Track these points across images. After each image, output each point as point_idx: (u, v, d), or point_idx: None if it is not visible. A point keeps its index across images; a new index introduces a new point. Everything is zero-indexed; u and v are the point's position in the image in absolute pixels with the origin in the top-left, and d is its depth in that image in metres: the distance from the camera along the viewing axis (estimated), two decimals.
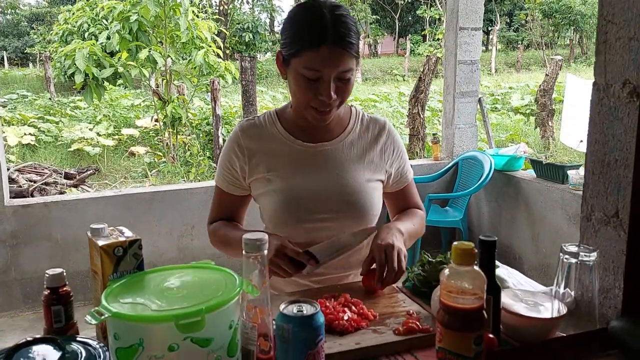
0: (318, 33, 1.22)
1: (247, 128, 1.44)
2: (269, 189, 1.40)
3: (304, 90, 1.28)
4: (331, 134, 1.43)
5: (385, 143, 1.48)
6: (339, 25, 1.23)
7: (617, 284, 1.12)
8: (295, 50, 1.25)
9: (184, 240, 3.84)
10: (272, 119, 1.45)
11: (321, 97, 1.27)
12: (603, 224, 1.14)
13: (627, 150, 1.06)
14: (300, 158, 1.40)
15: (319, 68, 1.24)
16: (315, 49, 1.22)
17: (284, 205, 1.37)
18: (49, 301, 1.00)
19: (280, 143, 1.41)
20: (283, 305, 0.92)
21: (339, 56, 1.24)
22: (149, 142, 9.24)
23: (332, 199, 1.38)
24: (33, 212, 3.55)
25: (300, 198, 1.37)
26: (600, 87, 1.12)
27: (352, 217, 1.40)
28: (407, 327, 1.08)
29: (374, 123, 1.49)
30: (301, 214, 1.37)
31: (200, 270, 0.98)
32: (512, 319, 1.07)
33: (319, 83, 1.26)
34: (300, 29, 1.27)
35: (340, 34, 1.23)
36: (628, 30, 1.04)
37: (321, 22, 1.23)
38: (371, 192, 1.43)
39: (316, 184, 1.38)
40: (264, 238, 0.93)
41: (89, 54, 6.61)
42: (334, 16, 1.24)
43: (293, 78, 1.30)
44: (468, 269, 0.85)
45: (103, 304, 0.82)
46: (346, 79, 1.28)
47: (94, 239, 0.99)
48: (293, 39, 1.27)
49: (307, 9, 1.28)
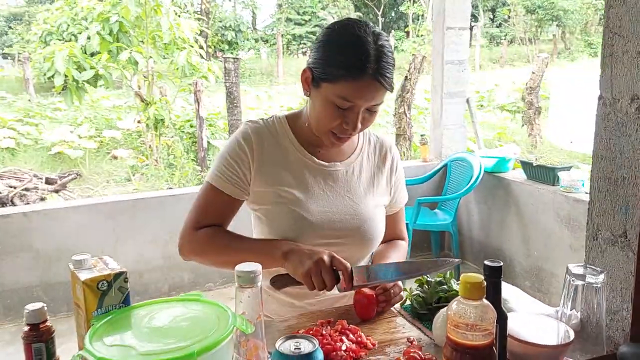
0: (360, 64, 1.15)
1: (261, 130, 1.33)
2: (279, 205, 1.31)
3: (331, 117, 1.21)
4: (343, 155, 1.38)
5: (391, 167, 1.45)
6: (381, 58, 1.17)
7: (625, 305, 1.08)
8: (332, 77, 1.18)
9: (170, 248, 3.75)
10: (284, 128, 1.36)
11: (347, 127, 1.22)
12: (610, 243, 1.09)
13: (636, 167, 1.02)
14: (314, 176, 1.34)
15: (353, 100, 1.18)
16: (354, 80, 1.16)
17: (298, 225, 1.29)
18: (30, 338, 0.93)
19: (294, 157, 1.34)
20: (280, 341, 0.86)
21: (375, 90, 1.18)
22: (131, 145, 9.10)
23: (345, 225, 1.33)
24: (12, 222, 3.45)
25: (313, 219, 1.30)
26: (606, 101, 1.07)
27: (361, 242, 1.36)
28: (409, 357, 1.02)
29: (381, 144, 1.46)
30: (313, 237, 1.30)
31: (189, 304, 0.92)
32: (519, 347, 1.02)
33: (347, 112, 1.20)
34: (340, 55, 1.18)
35: (381, 69, 1.17)
36: (636, 43, 1.00)
37: (364, 53, 1.16)
38: (379, 217, 1.40)
39: (329, 207, 1.33)
40: (257, 269, 0.87)
41: (69, 56, 6.47)
42: (378, 47, 1.17)
43: (321, 102, 1.22)
44: (477, 304, 0.80)
45: (87, 348, 0.76)
46: (374, 111, 1.23)
47: (76, 272, 0.92)
48: (330, 62, 1.19)
49: (350, 33, 1.19)
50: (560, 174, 3.43)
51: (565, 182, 3.38)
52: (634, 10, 1.00)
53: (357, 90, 1.17)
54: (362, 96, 1.18)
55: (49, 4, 15.70)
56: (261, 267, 0.88)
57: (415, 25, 20.69)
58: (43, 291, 3.54)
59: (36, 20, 13.23)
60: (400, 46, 22.81)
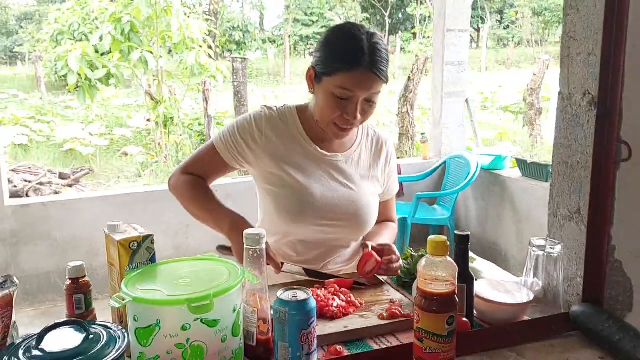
0: (355, 56, 1.32)
1: (274, 119, 1.49)
2: (285, 186, 1.47)
3: (333, 107, 1.38)
4: (343, 147, 1.55)
5: (386, 160, 1.62)
6: (374, 51, 1.34)
7: (579, 273, 1.25)
8: (331, 70, 1.35)
9: (179, 239, 3.94)
10: (294, 118, 1.52)
11: (347, 116, 1.38)
12: (567, 219, 1.26)
13: (587, 153, 1.19)
14: (317, 164, 1.50)
15: (351, 89, 1.34)
16: (350, 71, 1.33)
17: (302, 206, 1.46)
18: (71, 290, 1.11)
19: (301, 145, 1.50)
20: (280, 291, 1.04)
21: (371, 80, 1.34)
22: (141, 142, 9.30)
23: (343, 210, 1.50)
24: (32, 211, 3.64)
25: (316, 202, 1.47)
26: (564, 96, 1.24)
27: (358, 227, 1.54)
28: (390, 312, 1.20)
29: (378, 138, 1.62)
30: (314, 217, 1.47)
31: (205, 262, 1.10)
32: (484, 305, 1.20)
33: (347, 102, 1.36)
34: (337, 50, 1.36)
35: (375, 60, 1.33)
36: (587, 45, 1.17)
37: (359, 47, 1.33)
38: (374, 204, 1.57)
39: (331, 192, 1.49)
40: (262, 233, 1.05)
41: (82, 55, 6.67)
42: (371, 43, 1.34)
43: (323, 95, 1.39)
44: (441, 259, 0.97)
45: (124, 290, 0.94)
46: (372, 102, 1.40)
47: (111, 235, 1.10)
48: (329, 58, 1.37)
49: (346, 32, 1.37)
50: None
51: None
52: (585, 17, 1.17)
53: (354, 80, 1.33)
54: (358, 85, 1.34)
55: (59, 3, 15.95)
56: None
57: (422, 26, 20.79)
58: (60, 278, 3.73)
59: (47, 19, 13.44)
60: (407, 47, 22.92)
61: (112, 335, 0.98)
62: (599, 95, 1.13)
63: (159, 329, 0.91)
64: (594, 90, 1.16)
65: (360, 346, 1.13)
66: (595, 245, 1.18)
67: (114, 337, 0.98)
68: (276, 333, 1.02)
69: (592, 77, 1.17)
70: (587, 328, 1.14)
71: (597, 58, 1.14)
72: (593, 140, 1.16)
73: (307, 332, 1.01)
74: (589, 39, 1.17)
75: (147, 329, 0.92)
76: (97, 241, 3.76)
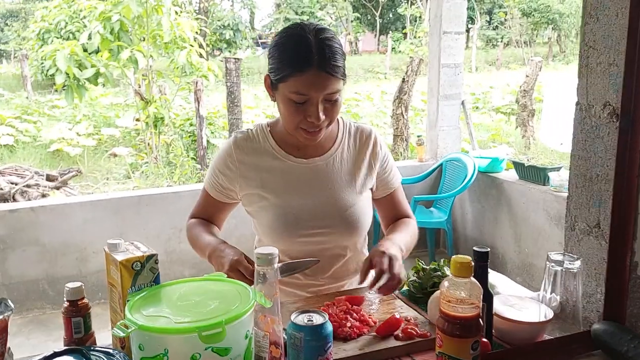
0: (303, 58, 1.26)
1: (241, 142, 1.48)
2: (264, 205, 1.44)
3: (293, 113, 1.32)
4: (322, 149, 1.48)
5: (372, 151, 1.52)
6: (323, 49, 1.27)
7: (599, 289, 1.21)
8: (282, 76, 1.29)
9: (172, 244, 3.87)
10: (265, 134, 1.48)
11: (310, 119, 1.31)
12: (586, 233, 1.22)
13: (608, 166, 1.14)
14: (294, 174, 1.45)
15: (306, 92, 1.28)
16: (301, 74, 1.26)
17: (280, 221, 1.42)
18: (70, 313, 1.05)
19: (274, 159, 1.46)
20: (294, 315, 0.99)
21: (324, 80, 1.28)
22: (130, 143, 9.18)
23: (327, 214, 1.44)
24: (20, 216, 3.56)
25: (296, 214, 1.42)
26: (582, 107, 1.20)
27: (346, 229, 1.46)
28: (406, 332, 1.15)
29: (361, 133, 1.53)
30: (297, 230, 1.42)
31: (214, 283, 1.04)
32: (504, 324, 1.15)
33: (306, 105, 1.30)
34: (286, 55, 1.30)
35: (325, 58, 1.27)
36: (608, 56, 1.13)
37: (306, 47, 1.27)
38: (363, 203, 1.49)
39: (311, 200, 1.44)
40: (274, 252, 1.00)
41: (70, 54, 6.56)
42: (319, 40, 1.28)
43: (281, 102, 1.34)
44: (466, 281, 0.93)
45: (129, 317, 0.88)
46: (333, 100, 1.32)
47: (112, 254, 1.04)
48: (280, 64, 1.31)
49: (292, 35, 1.32)
50: (551, 174, 3.57)
51: (555, 182, 3.51)
52: (606, 27, 1.13)
53: (306, 82, 1.27)
54: (312, 87, 1.28)
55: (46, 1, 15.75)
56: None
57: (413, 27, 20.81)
58: (49, 284, 3.64)
59: (34, 17, 13.26)
60: (398, 47, 22.94)
61: None
62: (621, 106, 1.08)
63: (167, 359, 0.86)
64: (615, 101, 1.12)
65: None
66: (617, 261, 1.14)
67: None
68: (291, 359, 0.97)
69: (612, 87, 1.13)
70: (610, 348, 1.10)
71: (619, 68, 1.10)
72: (614, 153, 1.12)
73: (324, 358, 0.96)
74: (610, 48, 1.12)
75: (154, 359, 0.86)
76: (87, 247, 3.68)
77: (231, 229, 3.99)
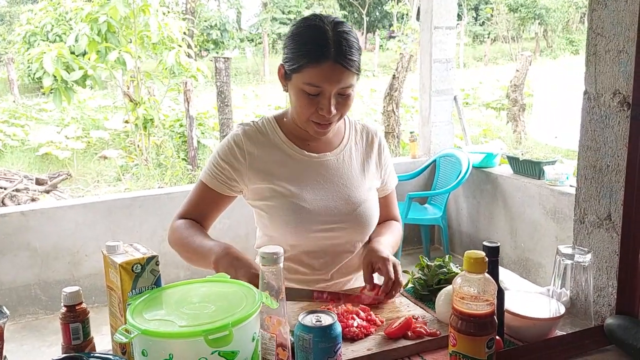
0: (320, 50, 1.24)
1: (252, 133, 1.43)
2: (276, 199, 1.40)
3: (305, 104, 1.30)
4: (331, 145, 1.46)
5: (379, 151, 1.53)
6: (340, 42, 1.25)
7: (610, 282, 1.18)
8: (297, 66, 1.27)
9: (166, 245, 3.77)
10: (273, 126, 1.45)
11: (321, 112, 1.29)
12: (596, 226, 1.20)
13: (619, 156, 1.12)
14: (306, 168, 1.42)
15: (320, 84, 1.26)
16: (316, 66, 1.24)
17: (295, 215, 1.38)
18: (68, 319, 1.00)
19: (285, 152, 1.42)
20: (302, 315, 0.95)
21: (339, 73, 1.25)
22: (119, 145, 9.08)
23: (341, 210, 1.41)
24: (10, 221, 3.49)
25: (310, 209, 1.39)
26: (591, 96, 1.17)
27: (358, 226, 1.44)
28: (416, 331, 1.12)
29: (367, 131, 1.54)
30: (311, 224, 1.39)
31: (217, 284, 1.00)
32: (515, 320, 1.12)
33: (319, 98, 1.28)
34: (302, 45, 1.27)
35: (341, 51, 1.24)
36: (617, 43, 1.10)
37: (323, 39, 1.24)
38: (373, 200, 1.48)
39: (324, 195, 1.41)
40: (280, 252, 0.96)
41: (57, 57, 6.47)
42: (336, 33, 1.25)
43: (294, 92, 1.32)
44: (480, 277, 0.89)
45: (131, 322, 0.84)
46: (346, 95, 1.30)
47: (110, 257, 1.00)
48: (295, 54, 1.28)
49: (309, 25, 1.29)
50: (546, 168, 3.55)
51: (551, 176, 3.50)
52: (614, 13, 1.10)
53: (321, 74, 1.25)
54: (326, 80, 1.25)
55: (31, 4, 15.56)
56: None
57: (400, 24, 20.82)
58: (41, 289, 3.58)
59: (19, 20, 13.10)
60: (385, 45, 22.95)
61: None
62: (633, 94, 1.06)
63: None
64: (626, 89, 1.10)
65: None
66: (629, 253, 1.11)
67: None
68: None
69: (623, 75, 1.10)
70: (625, 342, 1.08)
71: (630, 56, 1.07)
72: (626, 142, 1.09)
73: None
74: (620, 35, 1.10)
75: None
76: (79, 250, 3.62)
77: (225, 230, 3.95)
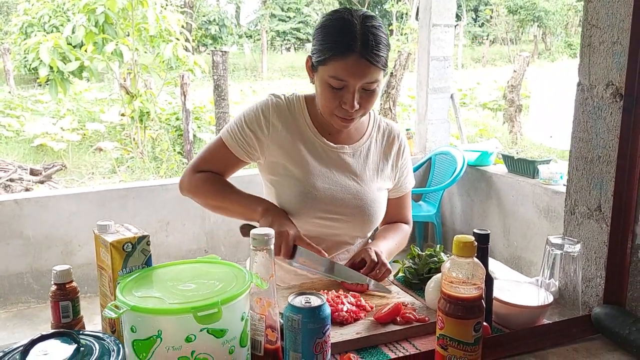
0: (346, 43, 1.23)
1: (281, 107, 1.43)
2: (288, 177, 1.41)
3: (329, 98, 1.30)
4: (351, 138, 1.47)
5: (397, 153, 1.53)
6: (368, 36, 1.24)
7: (599, 273, 1.19)
8: (323, 58, 1.27)
9: (159, 237, 3.81)
10: (301, 106, 1.44)
11: (344, 106, 1.29)
12: (586, 217, 1.20)
13: (610, 147, 1.13)
14: (322, 156, 1.43)
15: (345, 78, 1.25)
16: (341, 59, 1.24)
17: (300, 197, 1.39)
18: (57, 296, 1.00)
19: (307, 136, 1.43)
20: (291, 296, 0.95)
21: (365, 67, 1.24)
22: (115, 137, 9.06)
23: (348, 204, 1.42)
24: (3, 209, 3.47)
25: (318, 195, 1.39)
26: (584, 87, 1.18)
27: (362, 221, 1.45)
28: (405, 317, 1.12)
29: (390, 130, 1.53)
30: (315, 211, 1.40)
31: (207, 265, 1.00)
32: (503, 308, 1.13)
33: (343, 92, 1.28)
34: (329, 38, 1.27)
35: (368, 46, 1.23)
36: (611, 34, 1.11)
37: (350, 32, 1.23)
38: (381, 200, 1.48)
39: (335, 186, 1.42)
40: (271, 233, 0.96)
41: (54, 47, 6.44)
42: (364, 27, 1.24)
43: (319, 85, 1.31)
44: (469, 261, 0.90)
45: (120, 298, 0.84)
46: (371, 90, 1.30)
47: (101, 236, 1.00)
48: (322, 46, 1.27)
49: (338, 18, 1.28)
50: (540, 167, 3.57)
51: (545, 175, 3.51)
52: (609, 4, 1.11)
53: (346, 68, 1.24)
54: (351, 74, 1.25)
55: None
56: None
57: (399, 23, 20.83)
58: (33, 278, 3.57)
59: (16, 11, 13.03)
60: None
61: (105, 348, 0.88)
62: (625, 86, 1.06)
63: (161, 341, 0.82)
64: (619, 80, 1.10)
65: (374, 353, 1.05)
66: (618, 244, 1.12)
67: (108, 350, 0.88)
68: (287, 342, 0.94)
69: (616, 67, 1.11)
70: (612, 331, 1.08)
71: (623, 47, 1.08)
72: (617, 134, 1.10)
73: (322, 341, 0.93)
74: (614, 27, 1.10)
75: (147, 341, 0.82)
76: (72, 240, 3.61)
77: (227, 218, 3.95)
